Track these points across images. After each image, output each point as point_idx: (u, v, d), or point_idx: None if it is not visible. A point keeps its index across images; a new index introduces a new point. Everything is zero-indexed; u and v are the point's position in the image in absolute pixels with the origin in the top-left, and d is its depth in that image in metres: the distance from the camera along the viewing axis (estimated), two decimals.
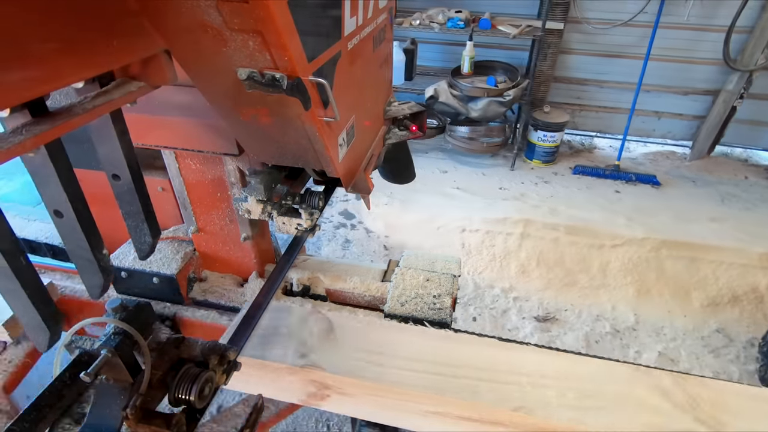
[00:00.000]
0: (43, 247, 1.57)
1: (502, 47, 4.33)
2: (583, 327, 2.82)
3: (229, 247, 1.43)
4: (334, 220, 3.68)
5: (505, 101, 3.84)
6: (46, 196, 0.69)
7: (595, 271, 3.13)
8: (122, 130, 0.77)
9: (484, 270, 3.18)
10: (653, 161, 4.56)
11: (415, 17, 3.86)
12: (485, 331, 2.70)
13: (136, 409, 0.81)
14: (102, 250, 0.77)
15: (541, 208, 3.56)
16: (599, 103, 4.54)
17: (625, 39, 4.10)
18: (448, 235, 3.36)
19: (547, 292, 3.06)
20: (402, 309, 1.27)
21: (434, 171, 4.32)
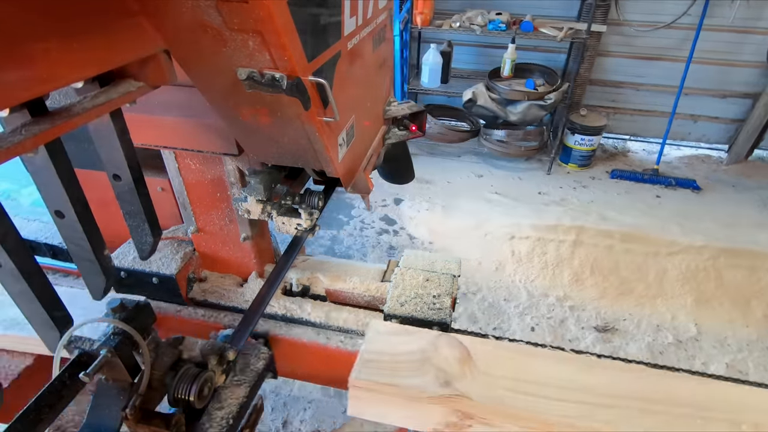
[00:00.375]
0: (43, 247, 1.56)
1: (538, 49, 4.27)
2: (645, 337, 2.76)
3: (228, 247, 1.43)
4: (376, 226, 3.61)
5: (545, 105, 3.78)
6: (47, 196, 0.69)
7: (652, 280, 3.06)
8: (123, 130, 0.77)
9: (536, 278, 3.12)
10: (689, 165, 4.48)
11: (455, 19, 3.81)
12: (546, 342, 2.65)
13: (136, 409, 0.81)
14: (104, 250, 0.77)
15: (591, 214, 3.50)
16: (634, 106, 4.47)
17: (664, 41, 4.02)
18: (495, 242, 3.30)
19: (603, 301, 2.99)
20: (402, 309, 1.27)
21: (469, 175, 4.26)
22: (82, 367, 0.78)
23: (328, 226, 3.58)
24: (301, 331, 1.34)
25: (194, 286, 1.45)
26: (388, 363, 1.05)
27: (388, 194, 3.95)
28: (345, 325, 1.35)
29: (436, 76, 4.09)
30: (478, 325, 2.78)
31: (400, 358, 1.06)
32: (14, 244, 0.61)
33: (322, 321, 1.36)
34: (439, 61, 4.00)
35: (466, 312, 2.85)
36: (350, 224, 3.62)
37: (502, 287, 3.05)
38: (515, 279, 3.13)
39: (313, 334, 1.33)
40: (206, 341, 0.95)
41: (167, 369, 0.87)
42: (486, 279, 3.10)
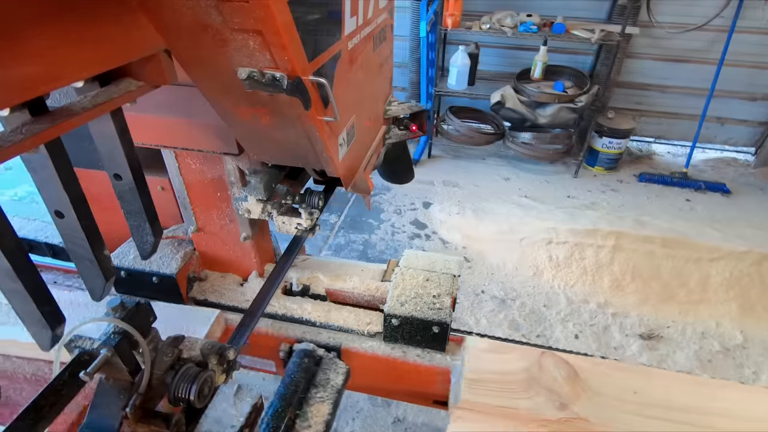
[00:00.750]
0: (43, 247, 1.57)
1: (564, 51, 4.22)
2: (691, 345, 2.71)
3: (228, 247, 1.43)
4: (407, 230, 3.58)
5: (576, 108, 3.74)
6: (47, 196, 0.69)
7: (694, 286, 3.01)
8: (123, 129, 0.77)
9: (575, 284, 3.08)
10: (715, 168, 4.44)
11: (484, 21, 3.76)
12: (591, 350, 2.63)
13: (136, 408, 0.81)
14: (103, 250, 0.77)
15: (626, 219, 3.45)
16: (660, 109, 4.44)
17: (694, 43, 3.99)
18: (532, 247, 3.26)
19: (646, 308, 2.94)
20: (402, 309, 1.27)
21: (496, 178, 4.23)
22: (83, 367, 0.78)
23: (359, 230, 3.56)
24: (375, 344, 1.31)
25: (194, 285, 1.45)
26: (495, 383, 1.01)
27: (417, 198, 3.94)
28: (345, 324, 1.35)
29: (464, 79, 4.05)
30: (521, 332, 2.75)
31: (506, 378, 1.02)
32: (9, 242, 0.61)
33: (322, 320, 1.36)
34: (467, 62, 3.97)
35: (507, 319, 2.83)
36: (381, 228, 3.59)
37: (541, 293, 3.01)
38: (554, 285, 3.09)
39: (388, 348, 1.30)
40: (206, 340, 0.95)
41: (167, 368, 0.87)
42: (523, 285, 3.07)
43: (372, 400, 2.28)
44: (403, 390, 1.37)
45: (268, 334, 1.35)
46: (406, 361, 1.28)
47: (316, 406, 1.10)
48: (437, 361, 1.26)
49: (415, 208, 3.84)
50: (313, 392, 1.14)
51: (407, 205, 3.87)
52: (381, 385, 1.39)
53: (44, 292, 0.68)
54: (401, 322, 1.27)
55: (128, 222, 0.90)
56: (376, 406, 2.26)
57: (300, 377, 1.16)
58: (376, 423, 2.20)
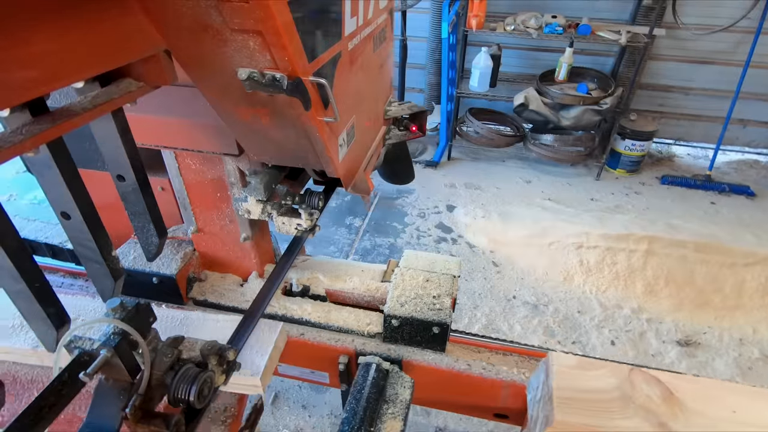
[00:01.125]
0: (43, 247, 1.57)
1: (585, 53, 4.20)
2: (730, 352, 2.68)
3: (228, 248, 1.43)
4: (433, 234, 3.52)
5: (601, 110, 3.71)
6: (53, 197, 0.69)
7: (729, 291, 2.97)
8: (125, 130, 0.77)
9: (607, 289, 3.05)
10: (738, 170, 4.41)
11: (508, 22, 3.73)
12: (628, 357, 2.60)
13: (136, 409, 0.81)
14: (111, 251, 0.77)
15: (656, 223, 3.42)
16: (682, 111, 4.41)
17: (719, 45, 3.96)
18: (562, 252, 3.23)
19: (681, 314, 2.90)
20: (402, 310, 1.27)
21: (517, 181, 4.21)
22: (83, 367, 0.78)
23: (384, 234, 3.54)
24: (437, 357, 1.29)
25: (194, 286, 1.45)
26: (589, 402, 0.97)
27: (440, 201, 3.92)
28: (345, 325, 1.35)
29: (486, 80, 4.02)
30: (556, 338, 2.73)
31: (599, 397, 0.98)
32: (12, 243, 0.61)
33: (322, 321, 1.36)
34: (490, 64, 3.94)
35: (541, 325, 2.80)
36: (406, 232, 3.57)
37: (573, 299, 2.99)
38: (585, 290, 3.06)
39: (452, 361, 1.28)
40: (206, 341, 0.94)
41: (167, 369, 0.87)
42: (555, 290, 3.05)
43: (412, 409, 2.25)
44: (465, 403, 1.36)
45: (323, 345, 1.33)
46: (471, 374, 1.26)
47: (389, 423, 1.08)
48: (503, 374, 1.25)
49: (438, 211, 3.82)
50: (384, 408, 1.12)
51: (431, 208, 3.85)
52: (442, 398, 1.38)
53: (48, 293, 0.68)
54: (401, 323, 1.27)
55: (132, 223, 0.90)
56: (416, 414, 2.24)
57: (371, 392, 1.14)
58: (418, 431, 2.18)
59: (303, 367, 1.41)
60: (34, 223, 1.64)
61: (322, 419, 2.22)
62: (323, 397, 2.30)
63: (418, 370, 1.29)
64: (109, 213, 1.03)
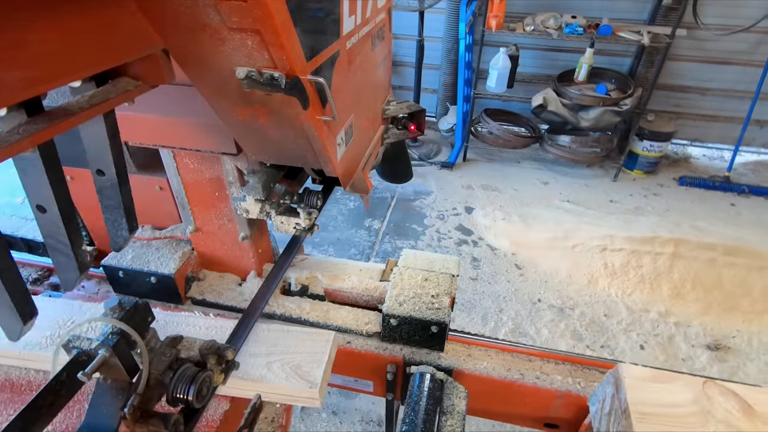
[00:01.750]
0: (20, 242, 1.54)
1: (602, 53, 4.19)
2: (761, 356, 2.66)
3: (227, 247, 1.43)
4: (453, 236, 3.55)
5: (621, 111, 3.70)
6: (31, 190, 0.68)
7: (758, 295, 2.95)
8: (111, 125, 0.77)
9: (633, 292, 3.03)
10: (755, 171, 4.41)
11: (528, 22, 3.72)
12: (659, 362, 2.58)
13: (134, 408, 0.81)
14: (81, 246, 0.76)
15: (681, 225, 3.41)
16: (699, 111, 4.41)
17: (738, 45, 3.96)
18: (586, 255, 3.21)
19: (708, 317, 2.88)
20: (400, 309, 1.27)
21: (534, 182, 4.20)
22: (81, 367, 0.78)
23: (404, 236, 3.53)
24: (489, 366, 1.27)
25: (192, 285, 1.44)
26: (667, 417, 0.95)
27: (458, 203, 3.91)
28: (344, 324, 1.35)
29: (504, 81, 4.01)
30: (584, 342, 2.70)
31: (677, 411, 0.96)
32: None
33: (321, 320, 1.36)
34: (508, 65, 3.93)
35: (568, 329, 2.79)
36: (426, 234, 3.56)
37: (599, 302, 2.97)
38: (610, 293, 3.04)
39: (503, 371, 1.26)
40: (205, 340, 0.94)
41: (166, 368, 0.87)
42: (579, 293, 3.03)
43: None
44: (517, 413, 1.35)
45: (369, 353, 1.31)
46: (524, 383, 1.24)
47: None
48: (558, 384, 1.24)
49: (457, 213, 3.81)
50: (443, 420, 1.10)
51: (449, 210, 3.84)
52: (494, 408, 1.36)
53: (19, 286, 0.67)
54: (399, 322, 1.27)
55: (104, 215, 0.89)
56: None
57: (428, 404, 1.12)
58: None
59: (347, 375, 1.39)
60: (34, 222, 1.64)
61: (354, 425, 2.20)
62: (353, 403, 2.28)
63: (469, 379, 1.27)
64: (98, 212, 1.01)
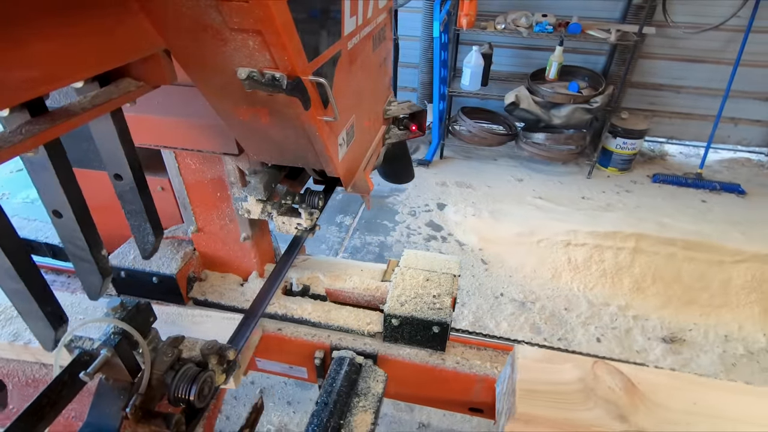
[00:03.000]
0: (43, 247, 1.57)
1: (576, 51, 4.21)
2: (714, 348, 2.70)
3: (229, 247, 1.43)
4: (423, 232, 3.57)
5: (591, 108, 3.72)
6: (45, 196, 0.69)
7: (716, 289, 3.00)
8: (123, 129, 0.77)
9: (595, 286, 3.07)
10: (729, 168, 4.42)
11: (498, 21, 3.75)
12: (614, 354, 2.61)
13: (136, 408, 0.81)
14: (101, 250, 0.77)
15: (646, 221, 3.43)
16: (673, 109, 4.43)
17: (709, 43, 3.97)
18: (550, 250, 3.25)
19: (667, 311, 2.93)
20: (402, 309, 1.27)
21: (509, 179, 4.22)
22: (83, 367, 0.78)
23: (374, 232, 3.54)
24: (412, 351, 1.30)
25: (194, 285, 1.45)
26: (551, 394, 0.98)
27: (431, 199, 3.93)
28: (345, 324, 1.35)
29: (477, 79, 4.03)
30: (543, 335, 2.74)
31: (562, 389, 0.99)
32: (10, 242, 0.61)
33: (322, 321, 1.36)
34: (481, 63, 3.94)
35: (527, 322, 2.82)
36: (396, 230, 3.57)
37: (561, 296, 3.00)
38: (573, 287, 3.08)
39: (426, 356, 1.29)
40: (206, 341, 0.95)
41: (167, 368, 0.87)
42: (543, 287, 3.06)
43: (395, 405, 2.28)
44: (440, 397, 1.37)
45: (299, 340, 1.33)
46: (445, 368, 1.26)
47: (359, 416, 1.09)
48: (477, 368, 1.26)
49: (429, 209, 3.83)
50: (355, 401, 1.13)
51: (421, 206, 3.86)
52: (418, 393, 1.39)
53: (47, 292, 0.68)
54: (401, 322, 1.27)
55: (129, 222, 0.90)
56: (399, 411, 2.25)
57: (342, 386, 1.15)
58: (401, 427, 2.19)
59: (281, 362, 1.41)
60: (34, 222, 1.64)
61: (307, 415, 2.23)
62: (308, 393, 2.32)
63: (393, 364, 1.30)
64: (107, 213, 1.03)
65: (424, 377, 1.30)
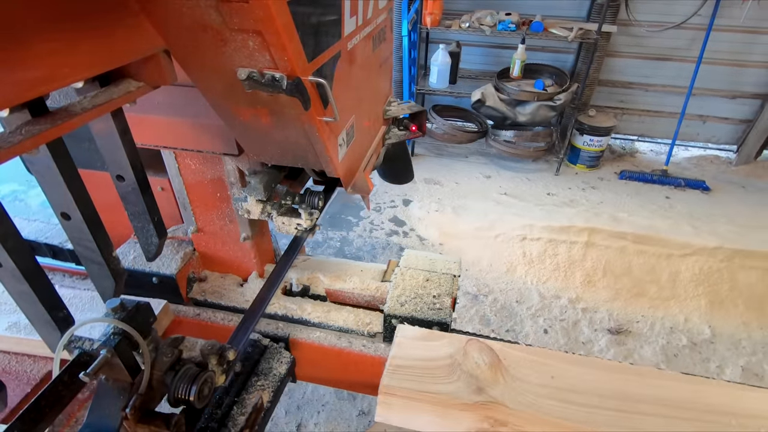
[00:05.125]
0: (43, 247, 1.57)
1: (546, 50, 4.26)
2: (659, 340, 2.74)
3: (228, 247, 1.43)
4: (386, 227, 3.60)
5: (555, 105, 3.76)
6: (53, 198, 0.69)
7: (665, 282, 3.05)
8: (125, 130, 0.78)
9: (548, 280, 3.11)
10: (698, 166, 4.46)
11: (464, 20, 3.79)
12: (559, 345, 2.67)
13: (136, 409, 0.81)
14: (111, 251, 0.77)
15: (602, 215, 3.49)
16: (643, 107, 4.46)
17: (674, 42, 4.01)
18: (507, 244, 3.28)
19: (616, 303, 2.98)
20: (402, 309, 1.27)
21: (477, 176, 4.25)
22: (83, 367, 0.78)
23: (337, 227, 3.56)
24: (322, 335, 1.32)
25: (194, 286, 1.45)
26: (419, 369, 1.03)
27: (397, 195, 3.95)
28: (345, 325, 1.35)
29: (445, 77, 4.07)
30: (491, 327, 2.77)
31: (430, 365, 1.04)
32: (15, 244, 0.61)
33: (322, 321, 1.36)
34: (448, 61, 3.98)
35: (478, 314, 2.84)
36: (359, 225, 3.59)
37: (514, 289, 3.04)
38: (527, 281, 3.11)
39: (335, 339, 1.31)
40: (206, 341, 0.95)
41: (167, 369, 0.87)
42: (497, 281, 3.09)
43: (338, 393, 2.29)
44: (351, 380, 1.39)
45: (215, 325, 1.34)
46: (352, 350, 1.29)
47: (255, 394, 1.11)
48: (381, 351, 1.28)
49: (395, 205, 3.85)
50: (253, 380, 1.15)
51: (387, 202, 3.88)
52: (330, 375, 1.41)
53: (52, 295, 0.68)
54: (401, 322, 1.27)
55: (132, 223, 0.90)
56: (341, 399, 2.27)
57: (243, 366, 1.17)
58: (341, 416, 2.21)
59: None
60: (35, 223, 1.64)
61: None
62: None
63: (303, 347, 1.31)
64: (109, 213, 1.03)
65: (335, 360, 1.32)
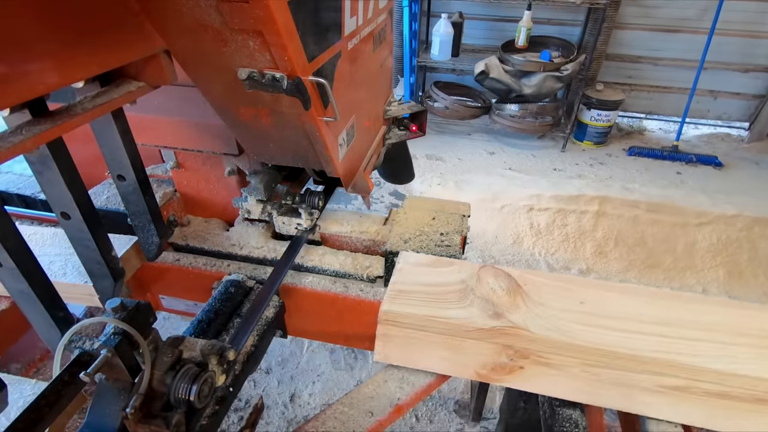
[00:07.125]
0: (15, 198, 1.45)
1: (551, 22, 4.10)
2: None
3: (212, 186, 1.30)
4: (386, 201, 3.48)
5: (562, 76, 3.60)
6: (52, 198, 0.69)
7: (681, 252, 2.91)
8: (125, 130, 0.78)
9: (557, 251, 2.97)
10: (708, 143, 4.29)
11: None
12: None
13: (136, 409, 0.81)
14: (111, 251, 0.77)
15: (612, 187, 3.32)
16: (652, 83, 4.27)
17: (685, 12, 3.82)
18: (513, 215, 3.14)
19: (629, 274, 2.83)
20: (405, 246, 1.12)
21: (481, 152, 4.11)
22: (83, 367, 0.78)
23: (336, 200, 3.41)
24: (315, 279, 1.17)
25: (175, 230, 1.33)
26: (425, 294, 0.91)
27: None
28: (342, 269, 1.22)
29: (447, 49, 3.92)
30: None
31: (439, 290, 0.92)
32: (15, 243, 0.61)
33: (315, 264, 1.25)
34: (450, 32, 3.84)
35: None
36: (359, 199, 3.45)
37: (521, 261, 2.91)
38: (534, 252, 2.98)
39: (329, 283, 1.16)
40: (207, 341, 0.95)
41: (167, 368, 0.87)
42: (503, 252, 2.95)
43: (335, 364, 2.21)
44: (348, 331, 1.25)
45: (200, 271, 1.20)
46: (348, 296, 1.14)
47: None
48: (381, 295, 1.12)
49: None
50: (235, 321, 1.04)
51: None
52: (324, 327, 1.27)
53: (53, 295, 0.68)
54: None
55: (132, 223, 0.90)
56: (338, 369, 2.19)
57: (221, 306, 1.05)
58: (338, 386, 2.11)
59: (183, 298, 1.29)
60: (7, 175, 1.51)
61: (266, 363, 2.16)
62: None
63: (293, 293, 1.17)
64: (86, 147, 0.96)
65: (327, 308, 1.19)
